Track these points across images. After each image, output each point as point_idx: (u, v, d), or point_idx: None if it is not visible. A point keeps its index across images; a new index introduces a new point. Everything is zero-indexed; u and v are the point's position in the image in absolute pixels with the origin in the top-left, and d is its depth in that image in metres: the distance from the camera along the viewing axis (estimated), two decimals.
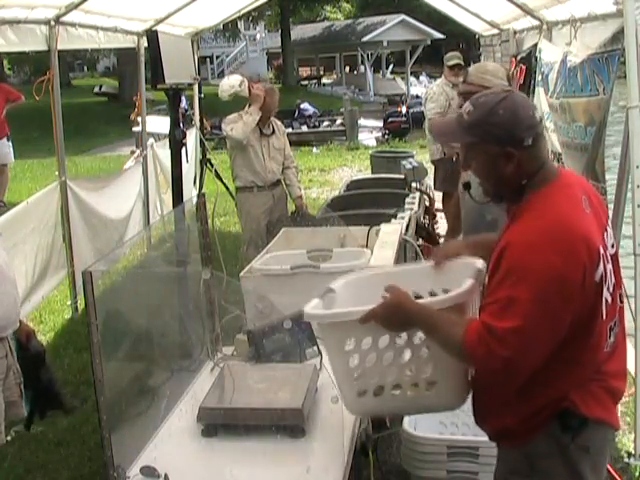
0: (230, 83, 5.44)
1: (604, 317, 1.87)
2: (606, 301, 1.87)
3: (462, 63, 7.15)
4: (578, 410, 1.89)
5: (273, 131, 5.50)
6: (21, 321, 3.05)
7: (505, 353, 1.75)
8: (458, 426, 3.27)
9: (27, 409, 3.14)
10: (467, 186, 2.07)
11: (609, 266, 1.87)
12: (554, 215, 1.82)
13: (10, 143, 9.53)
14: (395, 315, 1.93)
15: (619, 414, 2.08)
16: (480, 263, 2.14)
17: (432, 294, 2.24)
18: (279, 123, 5.70)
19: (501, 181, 1.90)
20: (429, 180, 6.50)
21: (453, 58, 6.99)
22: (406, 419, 3.11)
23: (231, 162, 5.51)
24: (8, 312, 2.83)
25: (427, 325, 1.93)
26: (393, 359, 2.02)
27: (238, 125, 5.27)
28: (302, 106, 19.27)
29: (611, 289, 1.89)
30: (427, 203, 5.77)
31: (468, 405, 3.25)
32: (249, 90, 5.37)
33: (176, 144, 5.04)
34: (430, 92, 6.87)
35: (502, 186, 1.92)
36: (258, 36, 41.97)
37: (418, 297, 2.17)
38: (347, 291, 2.25)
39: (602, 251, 1.83)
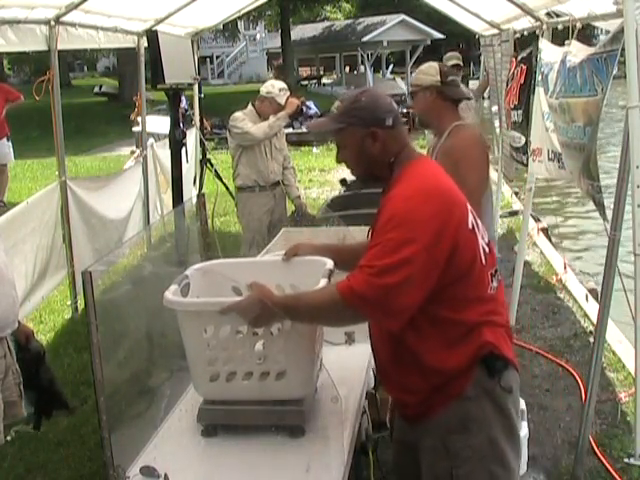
0: (278, 85, 5.39)
1: (484, 262, 2.06)
2: (483, 249, 2.07)
3: (461, 63, 7.17)
4: (499, 351, 2.04)
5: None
6: (20, 322, 3.05)
7: (385, 281, 1.91)
8: None
9: (31, 410, 3.14)
10: (344, 182, 2.29)
11: (479, 221, 2.11)
12: (425, 176, 2.10)
13: (10, 143, 9.54)
14: (259, 309, 2.10)
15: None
16: (330, 263, 2.43)
17: (279, 288, 2.49)
18: None
19: (371, 161, 2.14)
20: None
21: (452, 58, 7.01)
22: None
23: (234, 161, 5.48)
24: (6, 313, 2.83)
25: (292, 307, 2.11)
26: (248, 348, 2.21)
27: (263, 125, 5.26)
28: (307, 103, 19.24)
29: (486, 240, 2.11)
30: None
31: None
32: (286, 99, 5.33)
33: (176, 144, 5.06)
34: None
35: (372, 166, 2.15)
36: (258, 36, 41.99)
37: None
38: (202, 278, 2.46)
39: (469, 207, 2.07)
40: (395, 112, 2.14)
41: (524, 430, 2.98)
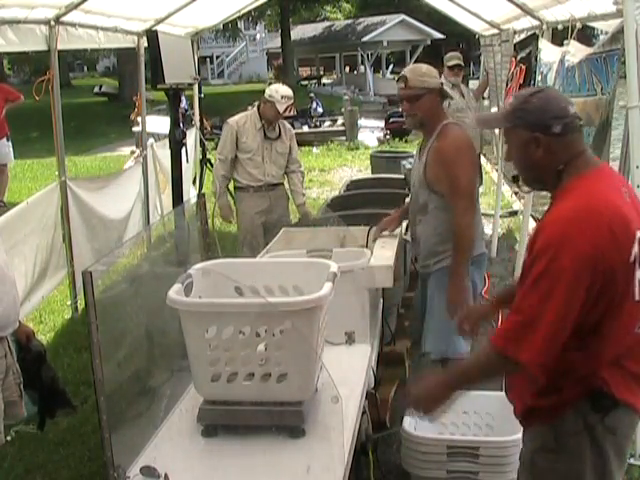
0: (282, 92, 5.23)
1: (636, 298, 1.92)
2: (639, 282, 1.92)
3: (462, 64, 7.19)
4: (610, 390, 1.95)
5: (279, 135, 5.37)
6: (20, 322, 3.05)
7: (522, 318, 1.89)
8: (458, 426, 3.27)
9: (33, 410, 3.14)
10: (516, 178, 2.23)
11: None
12: (593, 196, 1.92)
13: (10, 143, 9.54)
14: (437, 396, 2.11)
15: None
16: (335, 266, 2.43)
17: (282, 289, 2.53)
18: (288, 126, 5.53)
19: (534, 167, 2.03)
20: None
21: (453, 58, 7.01)
22: (406, 419, 3.11)
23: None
24: (7, 312, 2.83)
25: (462, 379, 2.10)
26: (250, 349, 2.22)
27: (218, 173, 5.34)
28: (313, 105, 19.23)
29: None
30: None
31: (468, 407, 3.27)
32: (286, 108, 5.20)
33: (176, 144, 5.06)
34: None
35: (536, 171, 2.05)
36: (258, 36, 42.00)
37: (268, 290, 2.50)
38: (205, 278, 2.47)
39: (639, 235, 1.90)
40: (566, 118, 1.98)
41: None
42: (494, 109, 7.19)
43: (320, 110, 18.98)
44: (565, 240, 1.85)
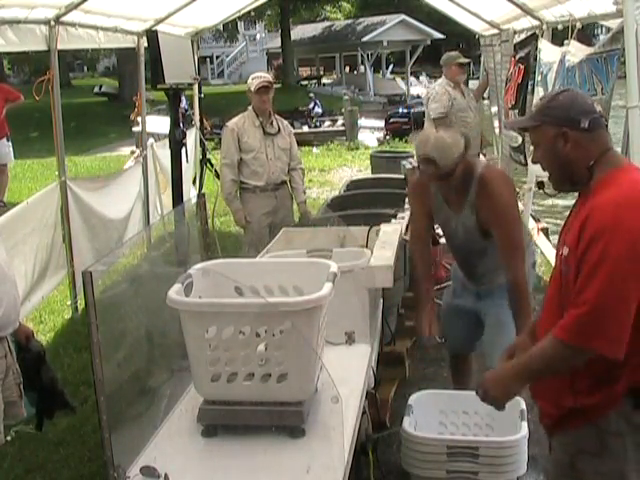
0: (253, 75, 5.30)
1: None
2: None
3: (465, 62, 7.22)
4: None
5: (279, 130, 5.36)
6: (20, 322, 3.05)
7: (589, 308, 1.85)
8: (458, 426, 3.27)
9: (33, 411, 3.14)
10: (541, 185, 2.22)
11: None
12: (636, 185, 1.94)
13: (10, 143, 9.53)
14: (506, 390, 2.11)
15: None
16: (335, 267, 2.41)
17: (282, 289, 2.53)
18: (285, 122, 5.55)
19: (564, 163, 2.02)
20: None
21: (458, 57, 7.04)
22: (406, 419, 3.11)
23: None
24: (8, 311, 2.83)
25: (530, 374, 2.06)
26: (250, 349, 2.21)
27: (226, 183, 5.28)
28: (310, 105, 19.23)
29: None
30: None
31: (469, 407, 3.27)
32: (256, 85, 5.18)
33: (176, 144, 5.05)
34: (432, 92, 6.91)
35: (566, 168, 2.03)
36: (258, 36, 42.01)
37: (268, 290, 2.51)
38: (205, 278, 2.47)
39: None
40: (594, 114, 1.99)
41: (524, 430, 2.98)
42: (494, 109, 7.20)
43: (319, 110, 18.99)
44: (618, 225, 1.84)
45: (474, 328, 3.48)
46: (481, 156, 6.68)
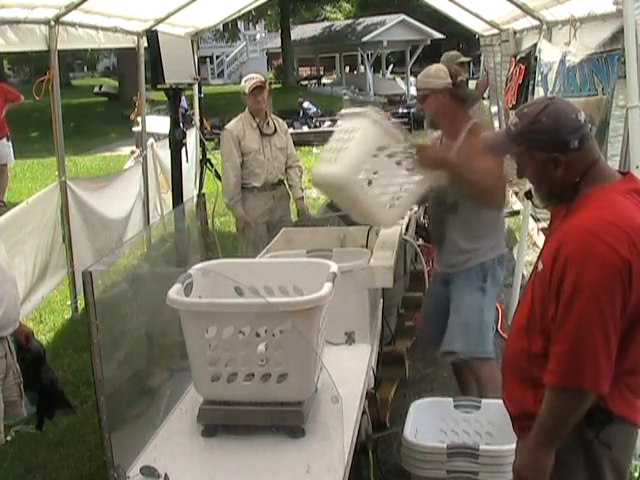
0: (247, 77, 5.33)
1: None
2: None
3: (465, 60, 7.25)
4: (605, 404, 1.91)
5: (275, 130, 5.39)
6: (20, 322, 3.05)
7: (566, 348, 1.84)
8: (458, 433, 3.27)
9: (33, 410, 3.14)
10: (529, 195, 2.17)
11: None
12: (612, 208, 1.87)
13: (10, 143, 9.53)
14: (540, 465, 1.96)
15: None
16: (335, 267, 2.41)
17: (282, 289, 2.54)
18: (281, 121, 5.57)
19: (554, 185, 1.98)
20: None
21: (458, 57, 7.08)
22: (407, 427, 3.10)
23: None
24: (8, 311, 2.83)
25: (550, 436, 1.94)
26: (250, 349, 2.21)
27: (230, 187, 5.27)
28: (305, 105, 19.21)
29: None
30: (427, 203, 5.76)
31: (469, 414, 3.26)
32: (250, 86, 5.21)
33: (176, 144, 5.06)
34: None
35: (555, 189, 1.99)
36: (258, 36, 42.00)
37: (268, 290, 2.51)
38: (205, 278, 2.47)
39: None
40: (581, 129, 1.92)
41: None
42: (494, 108, 7.20)
43: (313, 108, 18.96)
44: (591, 253, 1.80)
45: (444, 318, 3.54)
46: None
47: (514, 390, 2.08)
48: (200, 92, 7.70)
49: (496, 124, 6.96)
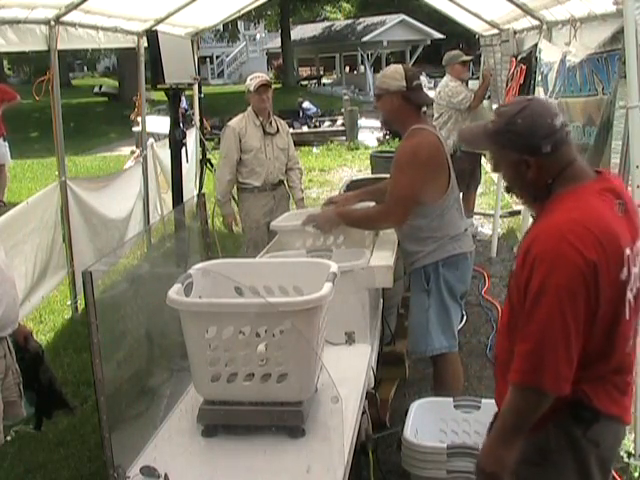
0: (252, 75, 5.35)
1: (627, 317, 1.91)
2: (629, 302, 1.91)
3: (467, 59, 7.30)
4: (591, 403, 1.92)
5: (277, 130, 5.39)
6: (19, 322, 3.05)
7: (529, 347, 1.86)
8: (458, 434, 3.26)
9: (31, 411, 3.14)
10: (509, 189, 2.20)
11: (635, 270, 1.91)
12: (583, 210, 1.89)
13: (6, 143, 9.50)
14: (501, 460, 1.98)
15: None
16: (335, 267, 2.42)
17: (282, 289, 2.54)
18: (283, 122, 5.58)
19: (525, 185, 2.02)
20: None
21: (461, 55, 7.13)
22: (407, 427, 3.10)
23: None
24: (7, 312, 2.83)
25: (510, 431, 1.97)
26: (250, 350, 2.21)
27: (222, 182, 5.28)
28: (304, 105, 19.21)
29: (634, 292, 1.92)
30: None
31: (469, 414, 3.26)
32: (255, 85, 5.21)
33: (176, 144, 5.06)
34: (448, 89, 7.12)
35: (529, 189, 2.03)
36: (258, 36, 42.03)
37: (268, 290, 2.53)
38: (205, 278, 2.47)
39: (629, 253, 1.88)
40: (556, 134, 1.93)
41: None
42: (495, 107, 7.21)
43: (313, 108, 18.96)
44: (559, 255, 1.82)
45: None
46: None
47: (502, 388, 2.08)
48: (200, 92, 7.70)
49: None
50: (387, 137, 16.57)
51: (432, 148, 3.38)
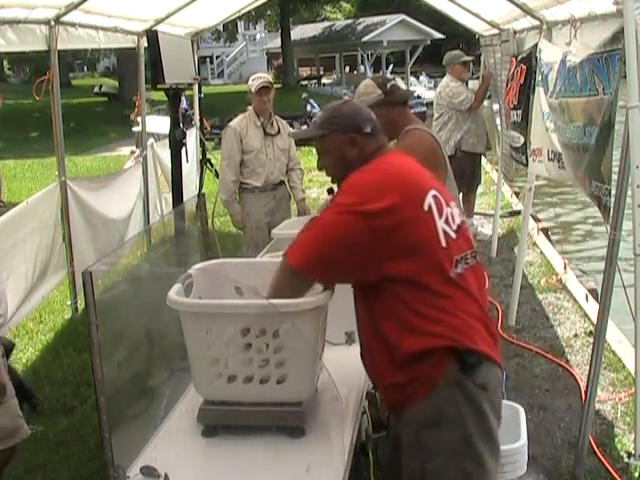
0: (254, 76, 5.36)
1: (444, 245, 2.08)
2: (445, 232, 2.09)
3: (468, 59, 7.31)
4: (469, 346, 2.02)
5: (278, 131, 5.39)
6: None
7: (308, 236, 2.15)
8: None
9: None
10: (331, 191, 2.38)
11: (448, 210, 2.14)
12: (383, 162, 2.23)
13: None
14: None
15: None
16: None
17: None
18: (284, 122, 5.58)
19: (349, 165, 2.25)
20: None
21: (462, 55, 7.13)
22: None
23: None
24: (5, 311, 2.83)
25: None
26: (251, 350, 2.22)
27: (226, 183, 5.28)
28: (310, 102, 19.17)
29: (453, 226, 2.13)
30: None
31: None
32: (256, 86, 5.22)
33: (176, 144, 5.05)
34: (448, 89, 7.13)
35: (349, 169, 2.24)
36: (258, 36, 42.05)
37: None
38: (205, 278, 2.49)
39: (434, 192, 2.13)
40: (374, 121, 2.31)
41: (524, 437, 2.98)
42: (495, 106, 7.20)
43: (317, 108, 18.97)
44: (351, 183, 2.14)
45: None
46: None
47: (379, 372, 2.21)
48: (200, 92, 7.70)
49: (498, 122, 6.96)
50: None
51: (426, 148, 3.37)
